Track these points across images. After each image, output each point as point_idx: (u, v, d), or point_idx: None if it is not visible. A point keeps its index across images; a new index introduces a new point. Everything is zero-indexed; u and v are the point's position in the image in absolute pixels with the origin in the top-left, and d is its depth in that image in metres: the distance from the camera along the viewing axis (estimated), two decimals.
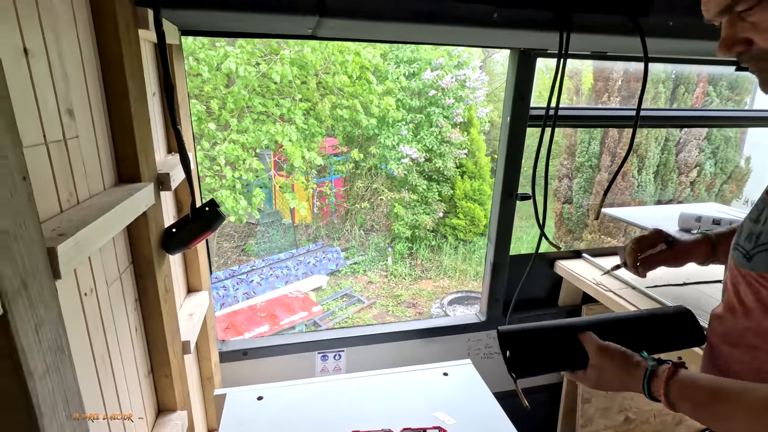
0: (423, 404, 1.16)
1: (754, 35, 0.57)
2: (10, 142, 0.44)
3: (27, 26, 0.57)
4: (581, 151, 7.20)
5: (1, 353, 0.42)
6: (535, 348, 0.79)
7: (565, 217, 7.62)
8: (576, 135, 7.39)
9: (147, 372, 0.97)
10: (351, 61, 6.93)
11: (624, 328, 0.81)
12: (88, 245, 0.59)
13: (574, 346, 0.77)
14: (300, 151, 6.86)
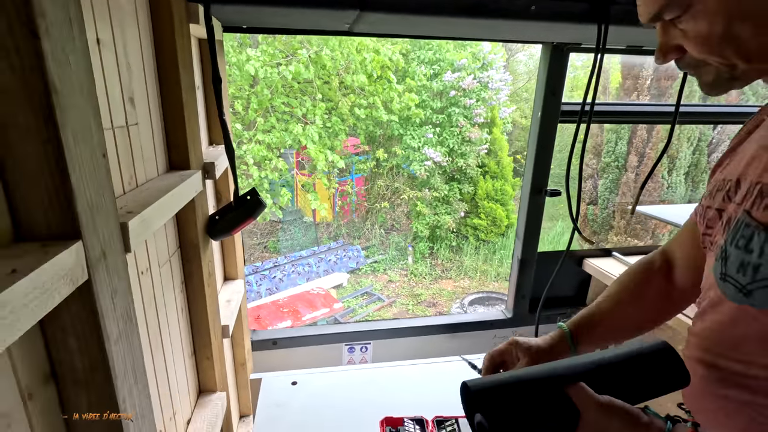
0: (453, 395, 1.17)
1: (684, 43, 0.57)
2: (94, 122, 0.48)
3: (100, 19, 0.61)
4: (607, 151, 7.05)
5: (86, 316, 0.46)
6: (515, 408, 0.60)
7: (589, 219, 7.48)
8: (602, 135, 7.24)
9: (191, 353, 1.01)
10: (370, 60, 6.95)
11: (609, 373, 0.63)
12: (151, 223, 0.63)
13: (561, 403, 0.60)
14: (323, 154, 6.93)
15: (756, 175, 0.56)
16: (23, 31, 0.38)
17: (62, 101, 0.41)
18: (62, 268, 0.40)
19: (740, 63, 0.55)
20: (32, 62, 0.39)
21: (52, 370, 0.47)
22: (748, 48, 0.53)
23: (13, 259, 0.38)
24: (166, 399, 0.84)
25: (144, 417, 0.58)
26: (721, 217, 0.64)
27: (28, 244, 0.42)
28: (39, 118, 0.40)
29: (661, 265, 0.87)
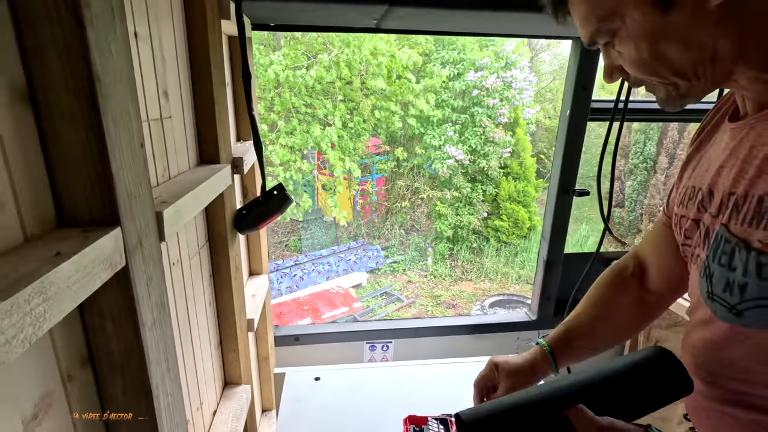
0: None
1: (623, 64, 0.57)
2: (133, 111, 0.48)
3: (137, 13, 0.63)
4: (635, 152, 6.85)
5: (122, 302, 0.47)
6: None
7: (616, 222, 7.29)
8: (630, 135, 7.04)
9: (217, 345, 1.02)
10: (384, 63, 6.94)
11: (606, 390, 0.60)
12: (184, 214, 0.64)
13: (561, 428, 0.57)
14: (341, 163, 6.97)
15: (728, 185, 0.54)
16: (70, 21, 0.39)
17: (104, 89, 0.42)
18: (102, 253, 0.41)
19: (679, 81, 0.55)
20: (77, 51, 0.40)
21: (89, 354, 0.48)
22: (680, 67, 0.53)
23: (57, 243, 0.39)
24: (194, 389, 0.85)
25: (175, 404, 0.58)
26: (698, 227, 0.61)
27: (70, 230, 0.43)
28: (83, 106, 0.41)
29: (634, 270, 0.84)
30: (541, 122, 10.63)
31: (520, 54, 8.14)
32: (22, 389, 0.38)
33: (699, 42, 0.51)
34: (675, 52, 0.52)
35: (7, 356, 0.29)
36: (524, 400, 0.61)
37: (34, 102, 0.40)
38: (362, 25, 1.24)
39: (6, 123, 0.37)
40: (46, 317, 0.33)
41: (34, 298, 0.32)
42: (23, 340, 0.31)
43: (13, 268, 0.34)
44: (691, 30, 0.50)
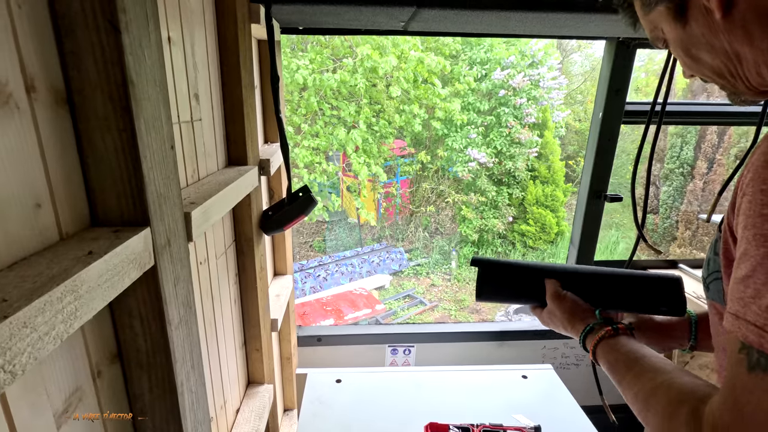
0: (501, 404, 1.13)
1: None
2: (165, 115, 0.50)
3: (171, 19, 0.64)
4: (671, 157, 6.58)
5: (150, 301, 0.48)
6: (503, 280, 0.84)
7: (650, 228, 7.02)
8: (665, 139, 6.77)
9: (241, 344, 1.04)
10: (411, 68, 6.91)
11: (596, 281, 0.80)
12: (212, 215, 0.65)
13: (539, 286, 0.81)
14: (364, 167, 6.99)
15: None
16: (106, 26, 0.40)
17: (137, 93, 0.43)
18: (132, 252, 0.42)
19: (720, 80, 0.59)
20: (113, 56, 0.41)
21: (118, 350, 0.50)
22: (715, 68, 0.58)
23: (89, 242, 0.40)
24: (218, 387, 0.87)
25: (199, 402, 0.59)
26: None
27: (102, 229, 0.44)
28: (117, 109, 0.42)
29: None
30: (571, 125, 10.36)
31: (548, 53, 7.96)
32: (55, 383, 0.39)
33: (720, 47, 0.55)
34: (706, 56, 0.57)
35: (40, 352, 0.30)
36: (528, 264, 0.83)
37: (72, 105, 0.42)
38: (389, 27, 1.24)
39: (46, 125, 0.39)
40: (77, 315, 0.34)
41: (66, 296, 0.33)
42: (55, 337, 0.32)
43: (48, 266, 0.35)
44: (710, 38, 0.55)
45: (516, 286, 0.83)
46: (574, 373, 1.83)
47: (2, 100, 0.34)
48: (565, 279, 0.81)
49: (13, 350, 0.28)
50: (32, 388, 0.37)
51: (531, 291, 0.82)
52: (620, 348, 0.67)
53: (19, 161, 0.36)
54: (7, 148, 0.34)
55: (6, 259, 0.34)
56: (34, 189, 0.37)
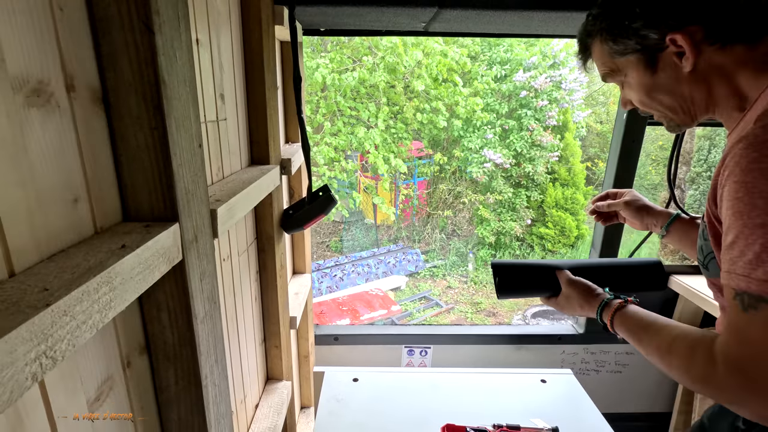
0: (518, 408, 1.11)
1: (629, 96, 0.77)
2: (194, 114, 0.51)
3: (200, 21, 0.66)
4: (698, 160, 6.39)
5: (178, 294, 0.49)
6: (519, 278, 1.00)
7: None
8: (692, 141, 6.58)
9: (261, 341, 1.06)
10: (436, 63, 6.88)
11: (596, 271, 0.98)
12: (236, 212, 0.67)
13: (550, 279, 0.96)
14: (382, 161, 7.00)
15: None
16: (141, 27, 0.41)
17: (168, 92, 0.44)
18: (162, 246, 0.43)
19: (672, 115, 0.74)
20: (147, 56, 0.42)
21: (146, 342, 0.51)
22: (670, 108, 0.73)
23: (122, 236, 0.42)
24: (238, 382, 0.88)
25: (222, 395, 0.60)
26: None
27: (134, 224, 0.46)
28: (149, 107, 0.43)
29: None
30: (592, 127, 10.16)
31: (569, 53, 7.81)
32: (88, 372, 0.41)
33: (681, 93, 0.70)
34: (664, 98, 0.72)
35: (78, 340, 0.31)
36: (538, 262, 0.99)
37: (107, 104, 0.43)
38: (411, 28, 1.24)
39: (83, 123, 0.40)
40: (111, 306, 0.35)
41: (102, 287, 0.34)
42: (91, 325, 0.33)
43: (85, 258, 0.36)
44: (674, 85, 0.70)
45: (532, 280, 0.99)
46: (595, 379, 1.79)
47: (44, 98, 0.36)
48: (571, 270, 0.97)
49: (54, 337, 0.29)
50: (68, 375, 0.38)
51: (544, 283, 0.97)
52: (634, 315, 0.79)
53: (59, 157, 0.37)
54: (48, 145, 0.36)
55: (47, 250, 0.36)
56: (72, 184, 0.39)
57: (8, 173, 0.32)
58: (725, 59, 0.66)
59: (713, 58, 0.66)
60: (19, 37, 0.33)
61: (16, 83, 0.33)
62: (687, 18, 0.66)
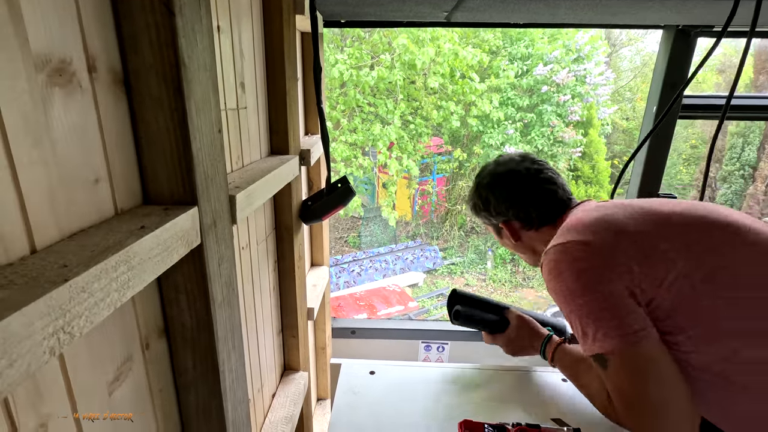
0: (538, 407, 1.09)
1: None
2: (214, 99, 0.51)
3: (221, 8, 0.66)
4: (731, 158, 6.14)
5: (196, 278, 0.49)
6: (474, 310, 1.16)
7: None
8: (724, 138, 6.32)
9: (278, 330, 1.06)
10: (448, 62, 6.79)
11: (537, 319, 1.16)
12: (255, 200, 0.67)
13: (500, 316, 1.15)
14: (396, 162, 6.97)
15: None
16: (161, 9, 0.41)
17: (189, 75, 0.44)
18: (181, 229, 0.43)
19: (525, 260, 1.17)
20: (167, 38, 0.42)
21: (165, 325, 0.52)
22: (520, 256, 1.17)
23: (141, 218, 0.42)
24: (255, 371, 0.89)
25: (239, 381, 0.61)
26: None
27: (153, 207, 0.46)
28: (169, 90, 0.43)
29: None
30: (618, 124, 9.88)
31: (595, 47, 7.60)
32: (108, 351, 0.41)
33: (519, 250, 1.11)
34: (513, 250, 1.15)
35: (96, 317, 0.31)
36: (492, 300, 1.19)
37: (128, 86, 0.43)
38: (433, 19, 1.22)
39: (104, 105, 0.40)
40: (129, 285, 0.35)
41: (120, 266, 0.34)
42: (109, 303, 0.33)
43: (104, 238, 0.36)
44: (513, 246, 1.11)
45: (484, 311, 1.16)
46: None
47: (67, 78, 0.36)
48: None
49: (72, 312, 0.29)
50: (88, 353, 0.38)
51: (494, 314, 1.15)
52: (568, 352, 1.01)
53: (81, 137, 0.38)
54: (70, 125, 0.36)
55: (67, 229, 0.36)
56: (94, 165, 0.39)
57: (31, 151, 0.32)
58: (538, 234, 1.04)
59: (530, 235, 1.06)
60: (41, 15, 0.33)
61: (38, 61, 0.33)
62: (509, 217, 1.05)
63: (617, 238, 0.84)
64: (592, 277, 0.82)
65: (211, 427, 0.55)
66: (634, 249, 0.82)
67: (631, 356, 0.78)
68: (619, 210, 0.90)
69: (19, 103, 0.31)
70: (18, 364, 0.25)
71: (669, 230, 0.84)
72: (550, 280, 0.89)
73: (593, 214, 0.90)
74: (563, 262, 0.86)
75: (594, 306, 0.81)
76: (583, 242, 0.85)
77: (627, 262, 0.81)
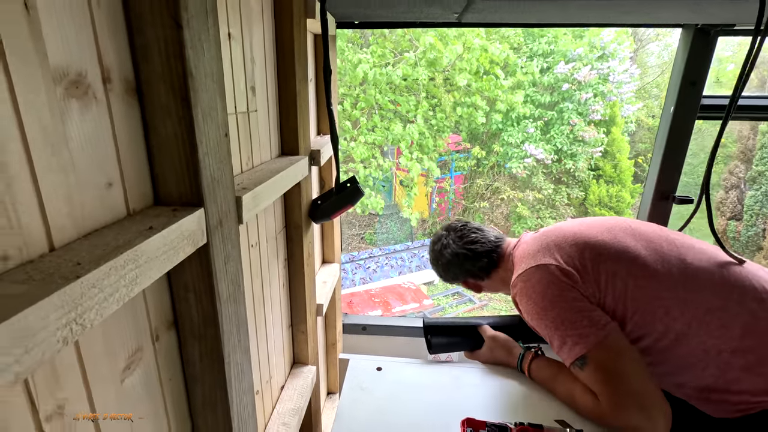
0: (539, 407, 1.09)
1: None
2: (220, 104, 0.53)
3: (232, 16, 0.69)
4: (761, 158, 5.90)
5: (202, 276, 0.52)
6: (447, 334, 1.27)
7: (730, 236, 6.36)
8: (754, 138, 6.08)
9: (288, 325, 1.09)
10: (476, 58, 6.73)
11: (510, 327, 1.27)
12: (261, 200, 0.69)
13: (474, 335, 1.25)
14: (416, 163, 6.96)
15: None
16: (170, 22, 0.44)
17: (195, 84, 0.47)
18: (187, 229, 0.46)
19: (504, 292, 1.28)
20: (175, 49, 0.45)
21: (174, 318, 0.55)
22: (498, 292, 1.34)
23: (151, 218, 0.45)
24: (264, 363, 0.92)
25: (244, 373, 0.64)
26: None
27: (163, 208, 0.49)
28: (177, 98, 0.46)
29: None
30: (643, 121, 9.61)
31: (620, 43, 7.40)
32: (120, 341, 0.45)
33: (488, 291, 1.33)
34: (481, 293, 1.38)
35: (105, 311, 0.34)
36: (464, 320, 1.30)
37: (140, 95, 0.46)
38: (444, 19, 1.23)
39: (118, 113, 0.43)
40: (137, 281, 0.38)
41: (128, 264, 0.37)
42: (118, 299, 0.36)
43: (115, 238, 0.39)
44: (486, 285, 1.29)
45: (459, 335, 1.27)
46: None
47: (83, 90, 0.39)
48: (491, 326, 1.27)
49: (83, 306, 0.32)
50: (101, 342, 0.42)
51: (470, 337, 1.25)
52: (543, 365, 1.13)
53: (95, 145, 0.41)
54: (86, 134, 0.39)
55: (82, 229, 0.39)
56: (107, 170, 0.42)
57: (50, 159, 0.35)
58: (493, 278, 1.24)
59: (487, 282, 1.27)
60: (59, 32, 0.36)
61: (56, 75, 0.36)
62: (462, 278, 1.28)
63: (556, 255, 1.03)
64: (554, 291, 0.98)
65: (217, 417, 0.58)
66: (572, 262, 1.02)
67: (607, 347, 0.93)
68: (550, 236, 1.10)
69: (39, 116, 0.34)
70: (34, 352, 0.28)
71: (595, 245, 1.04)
72: (522, 305, 1.05)
73: (532, 245, 1.11)
74: (528, 288, 1.03)
75: (564, 314, 0.96)
76: (535, 267, 1.03)
77: (573, 274, 0.99)
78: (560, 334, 0.97)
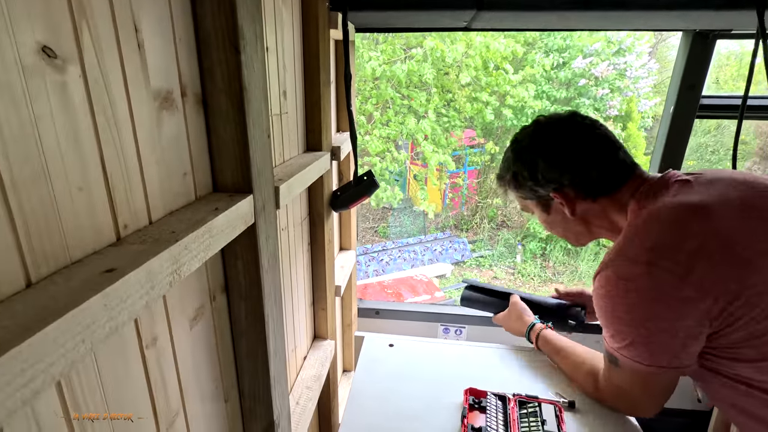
0: (540, 383, 1.20)
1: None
2: (264, 112, 0.66)
3: (269, 31, 0.81)
4: None
5: (250, 248, 0.65)
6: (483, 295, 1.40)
7: None
8: None
9: (310, 303, 1.22)
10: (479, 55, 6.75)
11: (535, 305, 1.30)
12: (293, 190, 0.82)
13: (502, 301, 1.34)
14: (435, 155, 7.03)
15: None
16: (231, 49, 0.56)
17: (248, 96, 0.59)
18: (242, 211, 0.59)
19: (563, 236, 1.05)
20: (234, 71, 0.57)
21: (225, 284, 0.68)
22: (563, 236, 1.04)
23: (215, 202, 0.57)
24: (290, 334, 1.05)
25: (278, 330, 0.77)
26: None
27: (221, 194, 0.61)
28: (235, 108, 0.58)
29: None
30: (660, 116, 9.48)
31: (638, 38, 7.32)
32: (189, 298, 0.58)
33: (568, 228, 0.99)
34: (558, 231, 1.03)
35: (192, 266, 0.47)
36: (501, 288, 1.39)
37: (205, 105, 0.59)
38: (454, 26, 1.33)
39: (190, 120, 0.56)
40: (210, 248, 0.51)
41: (204, 234, 0.50)
42: (199, 259, 0.49)
43: (192, 215, 0.52)
44: (562, 223, 0.99)
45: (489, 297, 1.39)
46: None
47: (170, 103, 0.51)
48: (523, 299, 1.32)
49: (179, 261, 0.45)
50: (179, 299, 0.55)
51: (496, 302, 1.35)
52: (550, 339, 1.16)
53: (177, 144, 0.53)
54: (171, 136, 0.52)
55: (169, 208, 0.52)
56: (184, 163, 0.55)
57: (150, 155, 0.48)
58: (595, 206, 0.91)
59: (586, 206, 0.92)
60: (156, 63, 0.49)
61: (155, 93, 0.49)
62: (562, 183, 0.91)
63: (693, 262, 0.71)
64: (644, 314, 0.76)
65: (257, 365, 0.71)
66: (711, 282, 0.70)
67: (647, 377, 0.82)
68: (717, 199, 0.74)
69: (146, 124, 0.47)
70: (155, 290, 0.41)
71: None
72: (600, 297, 0.83)
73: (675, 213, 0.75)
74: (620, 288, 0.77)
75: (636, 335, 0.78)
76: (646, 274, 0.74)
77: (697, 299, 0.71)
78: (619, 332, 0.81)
